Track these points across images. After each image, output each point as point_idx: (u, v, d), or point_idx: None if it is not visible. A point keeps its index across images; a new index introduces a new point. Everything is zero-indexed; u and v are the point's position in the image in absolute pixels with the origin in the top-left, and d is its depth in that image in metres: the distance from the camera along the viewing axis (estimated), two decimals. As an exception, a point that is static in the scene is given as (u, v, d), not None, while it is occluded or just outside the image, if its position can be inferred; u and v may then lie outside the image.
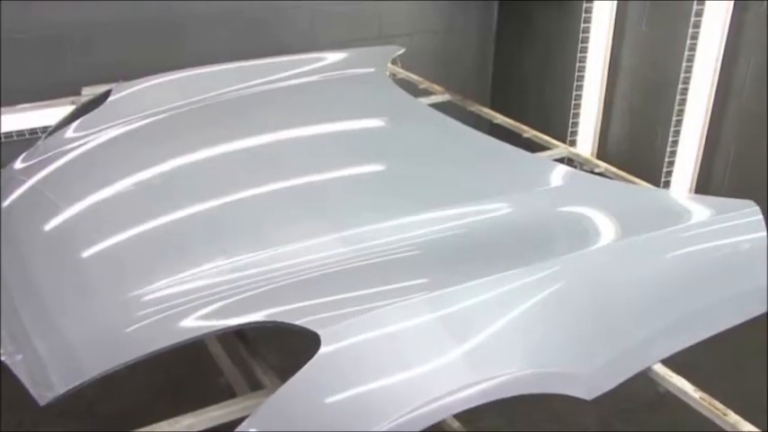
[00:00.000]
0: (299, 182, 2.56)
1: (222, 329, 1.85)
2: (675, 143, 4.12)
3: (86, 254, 2.26)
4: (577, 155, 3.03)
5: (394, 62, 3.71)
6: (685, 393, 1.87)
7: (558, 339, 1.85)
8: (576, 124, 4.59)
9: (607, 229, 2.19)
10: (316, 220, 2.28)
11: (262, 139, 2.90)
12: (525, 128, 3.22)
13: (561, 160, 3.01)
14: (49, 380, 1.78)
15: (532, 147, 3.08)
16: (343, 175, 2.63)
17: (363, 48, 3.65)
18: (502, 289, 1.90)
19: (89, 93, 3.48)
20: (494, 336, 1.81)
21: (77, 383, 1.73)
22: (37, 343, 1.91)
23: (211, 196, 2.47)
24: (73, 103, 3.48)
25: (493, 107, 3.73)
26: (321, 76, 3.31)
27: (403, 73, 3.75)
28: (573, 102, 4.53)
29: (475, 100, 3.64)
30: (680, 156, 4.14)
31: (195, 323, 1.85)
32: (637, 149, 4.38)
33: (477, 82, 5.05)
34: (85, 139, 2.94)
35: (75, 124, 3.01)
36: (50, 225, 2.45)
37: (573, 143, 4.60)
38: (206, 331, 1.84)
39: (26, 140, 3.58)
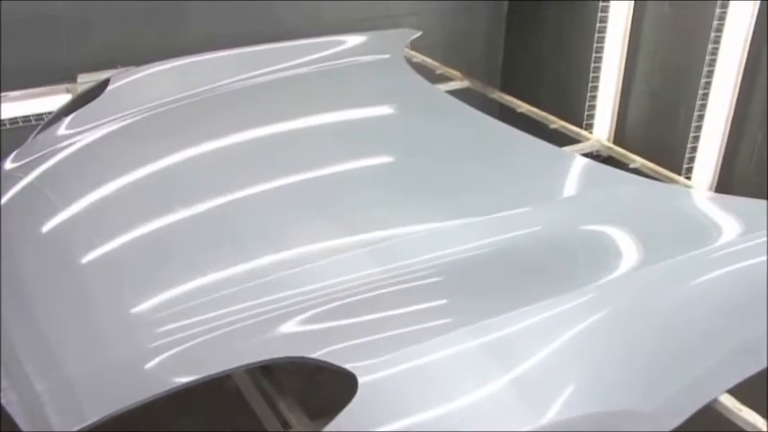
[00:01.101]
0: (318, 183, 2.39)
1: (247, 366, 1.67)
2: (699, 128, 3.94)
3: (88, 269, 2.08)
4: (610, 148, 2.85)
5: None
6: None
7: (617, 373, 1.69)
8: (592, 107, 4.41)
9: (658, 244, 2.01)
10: (340, 228, 2.11)
11: (275, 136, 2.72)
12: (552, 118, 3.03)
13: (592, 153, 2.84)
14: (48, 422, 1.58)
15: (560, 138, 2.91)
16: (366, 175, 2.47)
17: (377, 31, 3.43)
18: (552, 317, 1.74)
19: (86, 80, 3.25)
20: (547, 370, 1.65)
21: (81, 427, 1.53)
22: (34, 379, 1.72)
23: (224, 200, 2.30)
24: (68, 91, 3.27)
25: (503, 91, 3.53)
26: (335, 64, 3.11)
27: (418, 57, 3.54)
28: (590, 84, 4.34)
29: (485, 84, 3.45)
30: (703, 141, 3.97)
31: (216, 358, 1.67)
32: (656, 134, 4.21)
33: (486, 64, 4.84)
34: (84, 135, 2.76)
35: (72, 117, 2.82)
36: (49, 233, 2.27)
37: (589, 127, 4.41)
38: (229, 367, 1.66)
39: (19, 129, 3.36)
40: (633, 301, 1.82)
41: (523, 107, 3.15)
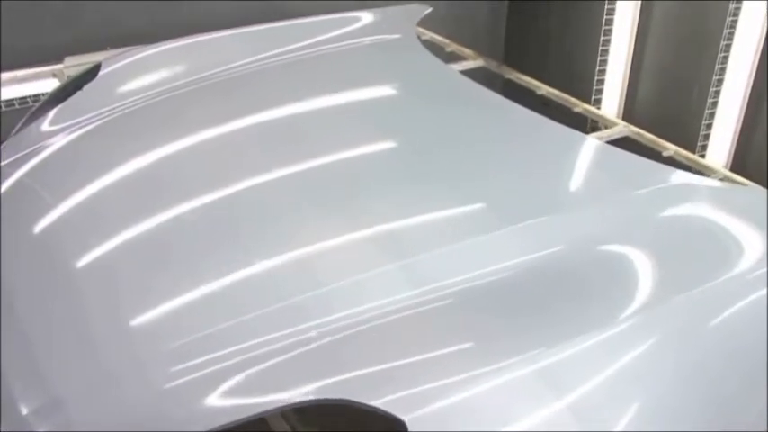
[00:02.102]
0: (338, 180, 2.20)
1: (280, 408, 1.51)
2: (714, 105, 3.79)
3: (88, 284, 1.89)
4: (639, 134, 2.68)
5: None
6: None
7: (688, 410, 1.54)
8: (600, 83, 4.23)
9: (721, 256, 1.84)
10: (364, 233, 1.94)
11: (287, 128, 2.51)
12: (575, 100, 2.86)
13: (620, 141, 2.67)
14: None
15: (585, 123, 2.74)
16: (388, 170, 2.28)
17: (387, 7, 3.21)
18: (613, 349, 1.59)
19: (73, 64, 3.01)
20: (610, 404, 1.50)
21: None
22: (31, 419, 1.54)
23: (234, 201, 2.10)
24: (54, 75, 3.02)
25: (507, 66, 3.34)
26: (345, 44, 2.89)
27: (427, 34, 3.33)
28: (598, 58, 4.16)
29: (499, 63, 3.26)
30: (719, 119, 3.82)
31: (245, 401, 1.50)
32: (668, 111, 4.05)
33: (489, 39, 4.63)
34: (77, 127, 2.52)
35: (62, 106, 2.59)
36: (44, 237, 2.07)
37: (597, 103, 4.24)
38: (259, 411, 1.48)
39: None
40: (695, 322, 1.67)
41: (543, 89, 2.97)
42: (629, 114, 4.22)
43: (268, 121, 2.53)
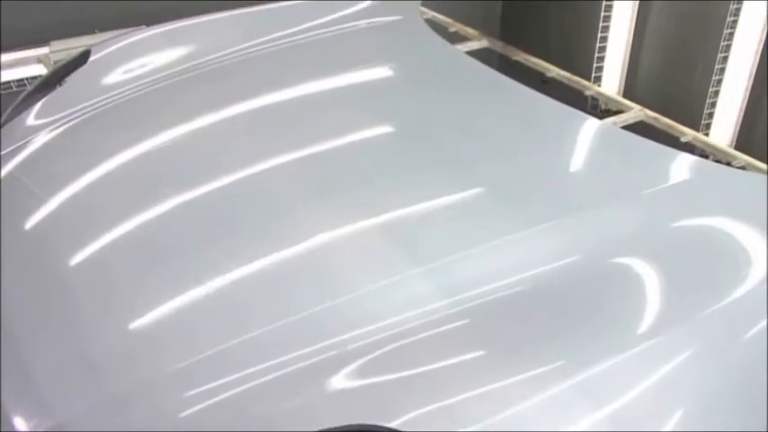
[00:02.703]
0: (350, 171, 2.07)
1: None
2: (719, 82, 3.70)
3: (84, 299, 1.75)
4: (656, 119, 2.58)
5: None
6: None
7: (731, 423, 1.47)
8: (601, 59, 4.13)
9: (748, 260, 1.74)
10: (382, 233, 1.82)
11: (290, 117, 2.36)
12: (586, 83, 2.75)
13: (636, 126, 2.58)
14: None
15: (598, 107, 2.63)
16: (402, 161, 2.15)
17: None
18: (655, 360, 1.50)
19: (59, 48, 2.85)
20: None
21: None
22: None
23: (239, 197, 1.98)
24: (40, 61, 2.86)
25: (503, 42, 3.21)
26: (349, 27, 2.76)
27: (428, 13, 3.20)
28: (599, 34, 4.05)
29: (505, 44, 3.13)
30: (723, 97, 3.73)
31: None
32: (671, 89, 3.96)
33: (483, 12, 4.49)
34: (69, 119, 2.38)
35: (52, 96, 2.44)
36: (37, 237, 1.93)
37: (597, 80, 4.14)
38: None
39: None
40: (735, 331, 1.59)
41: (553, 71, 2.85)
42: (630, 92, 4.12)
43: (269, 109, 2.40)
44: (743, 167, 2.39)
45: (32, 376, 1.61)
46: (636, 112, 2.59)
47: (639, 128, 2.60)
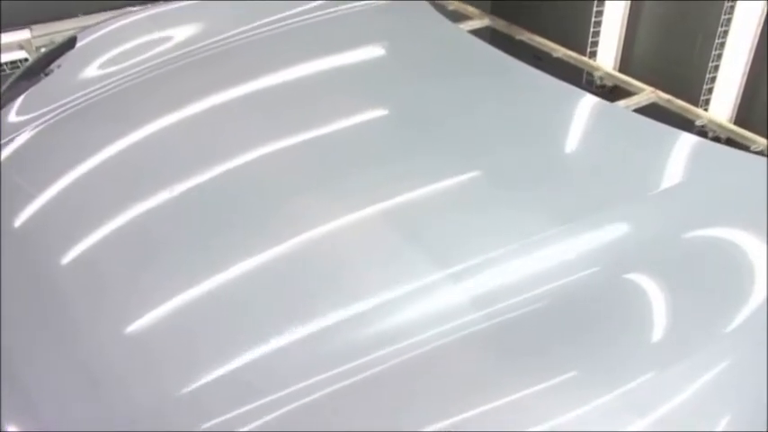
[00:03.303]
0: (355, 166, 1.99)
1: None
2: (719, 57, 3.62)
3: (78, 310, 1.65)
4: (669, 101, 2.49)
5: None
6: None
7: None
8: (596, 34, 4.02)
9: None
10: (398, 232, 1.72)
11: (291, 103, 2.26)
12: (595, 64, 2.65)
13: (647, 108, 2.49)
14: None
15: (607, 89, 2.55)
16: (413, 153, 2.06)
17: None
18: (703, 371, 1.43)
19: (42, 33, 2.70)
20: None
21: None
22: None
23: (247, 195, 1.87)
24: (21, 47, 2.71)
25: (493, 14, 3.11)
26: (349, 8, 2.63)
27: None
28: (594, 8, 3.95)
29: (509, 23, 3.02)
30: (723, 72, 3.65)
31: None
32: (669, 64, 3.87)
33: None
34: (59, 111, 2.25)
35: (39, 86, 2.31)
36: (29, 238, 1.82)
37: (593, 56, 4.04)
38: None
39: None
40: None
41: (560, 51, 2.76)
42: (626, 66, 4.03)
43: (268, 94, 2.30)
44: (761, 152, 2.32)
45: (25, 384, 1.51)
46: (648, 94, 2.51)
47: (652, 110, 2.52)
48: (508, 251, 1.66)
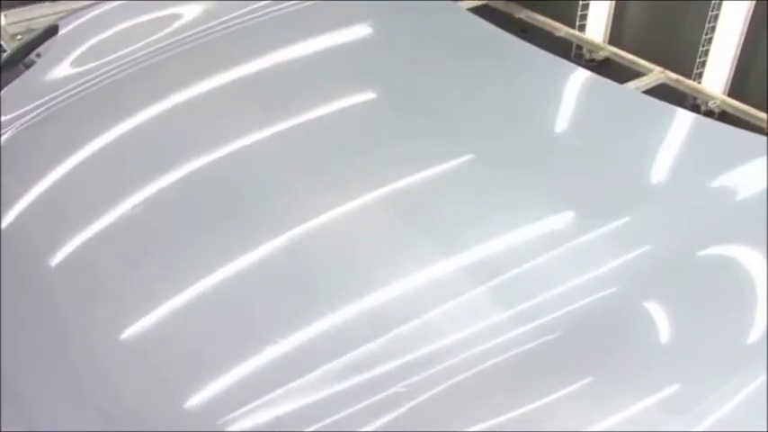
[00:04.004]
0: (356, 152, 1.95)
1: None
2: (713, 29, 3.55)
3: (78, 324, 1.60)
4: (679, 81, 2.42)
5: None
6: None
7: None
8: (585, 7, 3.92)
9: None
10: (424, 235, 1.64)
11: (288, 88, 2.18)
12: (599, 43, 2.57)
13: (657, 89, 2.42)
14: None
15: (614, 69, 2.47)
16: (424, 143, 1.99)
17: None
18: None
19: (16, 20, 2.53)
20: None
21: None
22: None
23: (256, 198, 1.79)
24: (-7, 35, 2.54)
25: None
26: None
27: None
28: (583, -21, 3.84)
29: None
30: (716, 44, 3.58)
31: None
32: (661, 36, 3.79)
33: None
34: (47, 107, 2.13)
35: (22, 80, 2.18)
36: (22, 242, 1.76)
37: (582, 29, 3.95)
38: None
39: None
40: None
41: (562, 30, 2.66)
42: (616, 39, 3.95)
43: (263, 79, 2.19)
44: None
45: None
46: (657, 74, 2.42)
47: (661, 90, 2.44)
48: (541, 253, 1.58)
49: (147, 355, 1.51)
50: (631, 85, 2.35)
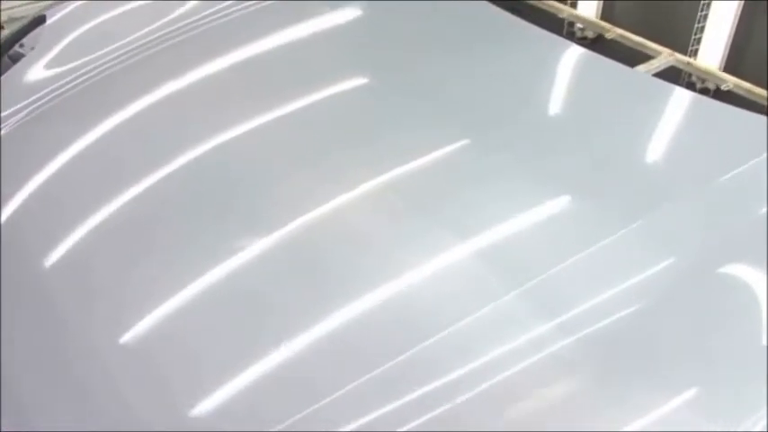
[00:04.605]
0: (389, 157, 1.83)
1: None
2: (708, 6, 3.50)
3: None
4: (689, 64, 2.37)
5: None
6: None
7: None
8: (577, -19, 3.86)
9: None
10: (448, 235, 1.58)
11: (287, 75, 2.11)
12: (605, 24, 2.51)
13: (666, 72, 2.36)
14: None
15: (622, 52, 2.41)
16: (437, 134, 1.91)
17: None
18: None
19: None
20: None
21: None
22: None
23: (265, 182, 1.75)
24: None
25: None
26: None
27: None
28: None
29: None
30: (712, 21, 3.54)
31: None
32: (654, 13, 3.74)
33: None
34: (38, 103, 2.04)
35: (9, 75, 2.08)
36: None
37: (574, 5, 3.88)
38: None
39: None
40: None
41: (565, 11, 2.60)
42: (608, 16, 3.88)
43: (260, 66, 2.11)
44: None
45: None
46: (665, 56, 2.37)
47: (670, 73, 2.39)
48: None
49: (149, 354, 1.46)
50: (641, 68, 2.29)
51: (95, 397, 1.41)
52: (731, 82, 2.23)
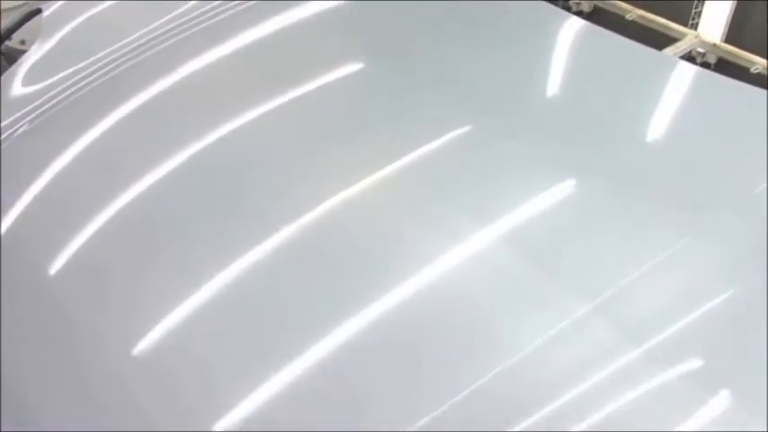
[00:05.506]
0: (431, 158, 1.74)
1: None
2: (709, -23, 3.42)
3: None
4: (716, 45, 2.29)
5: None
6: None
7: None
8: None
9: None
10: (506, 245, 1.49)
11: (296, 70, 2.00)
12: (626, 6, 2.42)
13: (689, 54, 2.30)
14: None
15: (645, 33, 2.33)
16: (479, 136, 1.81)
17: None
18: None
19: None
20: None
21: None
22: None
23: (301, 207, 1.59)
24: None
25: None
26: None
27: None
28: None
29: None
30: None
31: None
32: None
33: None
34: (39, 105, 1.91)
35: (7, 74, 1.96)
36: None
37: (570, -22, 3.78)
38: None
39: None
40: None
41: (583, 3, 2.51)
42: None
43: (259, 57, 2.04)
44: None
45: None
46: (691, 38, 2.29)
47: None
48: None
49: (161, 361, 1.37)
50: (668, 51, 2.21)
51: (107, 406, 1.32)
52: (760, 64, 2.15)
